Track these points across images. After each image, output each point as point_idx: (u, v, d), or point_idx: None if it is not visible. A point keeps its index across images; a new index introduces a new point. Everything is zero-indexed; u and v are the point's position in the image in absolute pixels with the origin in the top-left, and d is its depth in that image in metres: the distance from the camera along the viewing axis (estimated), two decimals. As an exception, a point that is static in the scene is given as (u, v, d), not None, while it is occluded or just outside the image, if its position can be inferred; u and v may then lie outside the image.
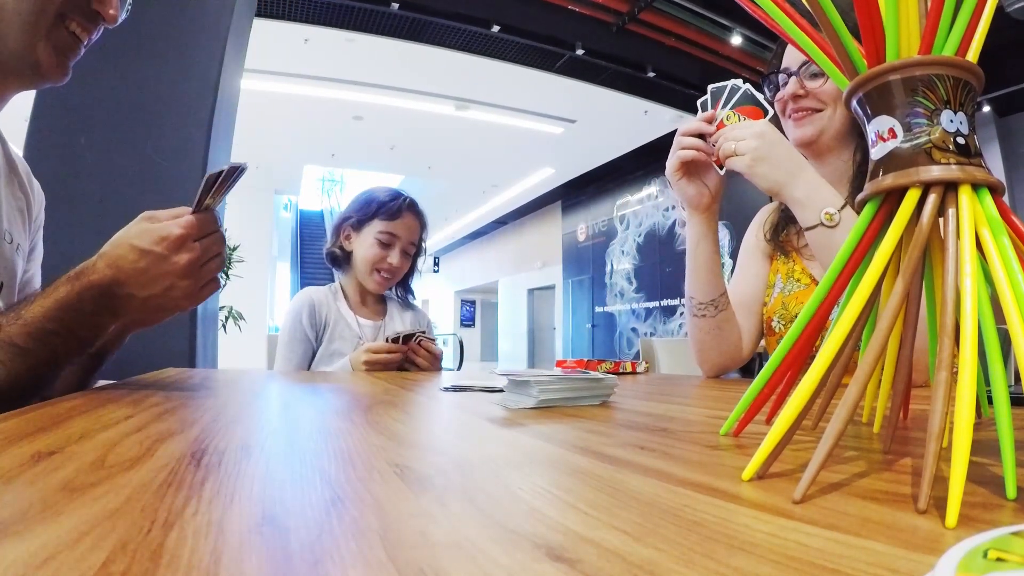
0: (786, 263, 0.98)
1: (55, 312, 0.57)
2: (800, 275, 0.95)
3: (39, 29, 0.64)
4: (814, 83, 0.88)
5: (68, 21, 0.66)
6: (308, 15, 4.57)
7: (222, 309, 4.89)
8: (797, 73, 0.89)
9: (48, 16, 0.64)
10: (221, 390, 0.65)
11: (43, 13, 0.64)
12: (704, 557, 0.16)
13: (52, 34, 0.65)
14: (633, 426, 0.42)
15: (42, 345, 0.55)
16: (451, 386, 0.69)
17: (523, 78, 5.51)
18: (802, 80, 0.89)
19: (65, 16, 0.66)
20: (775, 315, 0.96)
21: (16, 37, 0.63)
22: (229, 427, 0.38)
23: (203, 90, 1.61)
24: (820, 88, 0.88)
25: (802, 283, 0.94)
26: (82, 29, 0.68)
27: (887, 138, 0.28)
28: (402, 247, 1.35)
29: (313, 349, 1.31)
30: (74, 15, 0.66)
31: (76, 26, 0.67)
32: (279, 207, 10.24)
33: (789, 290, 0.95)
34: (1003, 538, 0.14)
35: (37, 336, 0.55)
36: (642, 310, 8.38)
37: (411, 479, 0.25)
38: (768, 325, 0.98)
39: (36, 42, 0.64)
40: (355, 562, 0.15)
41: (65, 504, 0.20)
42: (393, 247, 1.34)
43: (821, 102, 0.88)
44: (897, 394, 0.32)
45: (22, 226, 0.77)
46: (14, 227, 0.74)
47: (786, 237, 0.99)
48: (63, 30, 0.66)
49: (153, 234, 0.60)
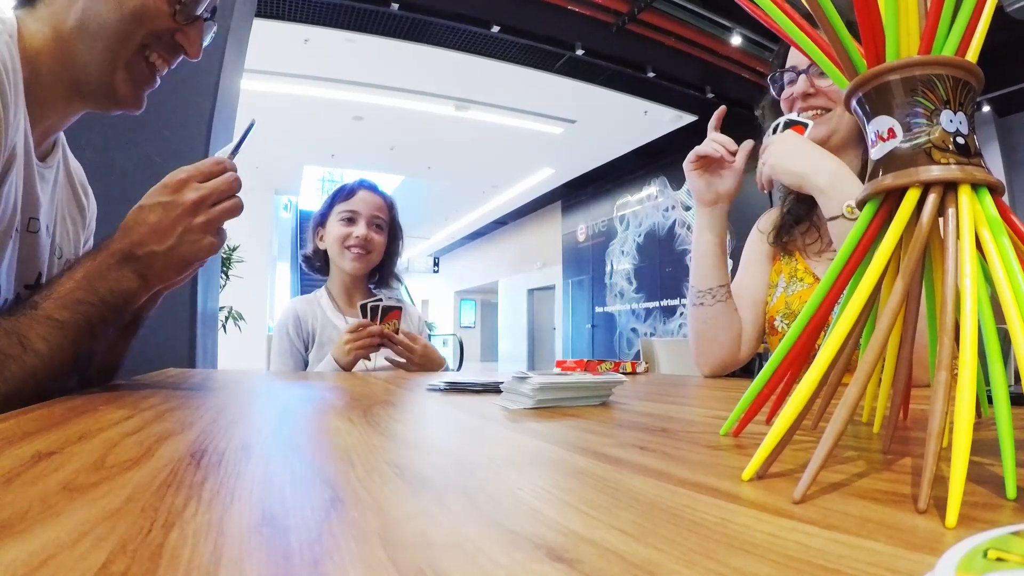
0: (789, 262, 0.99)
1: (84, 282, 0.57)
2: (803, 274, 0.95)
3: (120, 59, 0.64)
4: (824, 82, 0.88)
5: (150, 52, 0.66)
6: (308, 15, 4.57)
7: (222, 309, 4.88)
8: (807, 71, 0.89)
9: (131, 46, 0.64)
10: (221, 390, 0.65)
11: (127, 42, 0.63)
12: (704, 557, 0.16)
13: (132, 65, 0.65)
14: (633, 426, 0.42)
15: (76, 315, 0.56)
16: (447, 384, 0.68)
17: (523, 78, 5.51)
18: (812, 78, 0.88)
19: (148, 47, 0.65)
20: (778, 314, 0.96)
21: (97, 62, 0.63)
22: (229, 427, 0.38)
23: (203, 90, 1.61)
24: (830, 87, 0.87)
25: (805, 282, 0.94)
26: (163, 61, 0.67)
27: (887, 138, 0.28)
28: (366, 221, 1.37)
29: (304, 359, 1.33)
30: (157, 47, 0.66)
31: (156, 58, 0.67)
32: (279, 207, 10.23)
33: (792, 289, 0.95)
34: (1003, 538, 0.14)
35: (70, 306, 0.55)
36: (642, 310, 8.38)
37: (411, 479, 0.25)
38: (771, 325, 0.98)
39: (116, 70, 0.64)
40: (355, 562, 0.15)
41: (65, 504, 0.20)
42: (356, 222, 1.36)
43: (831, 100, 0.88)
44: (897, 394, 0.32)
45: (73, 237, 0.78)
46: (64, 241, 0.75)
47: (789, 238, 0.99)
48: (143, 61, 0.66)
49: (157, 187, 0.61)
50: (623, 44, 5.06)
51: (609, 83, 5.58)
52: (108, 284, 0.58)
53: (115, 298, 0.58)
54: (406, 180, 9.26)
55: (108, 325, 0.59)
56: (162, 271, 0.61)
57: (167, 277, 0.62)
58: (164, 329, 1.45)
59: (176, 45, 0.67)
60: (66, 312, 0.55)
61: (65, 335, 0.55)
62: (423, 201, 10.57)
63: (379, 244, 1.39)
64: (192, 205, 0.60)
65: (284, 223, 10.92)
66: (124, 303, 0.60)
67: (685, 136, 6.73)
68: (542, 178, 8.88)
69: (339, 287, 1.40)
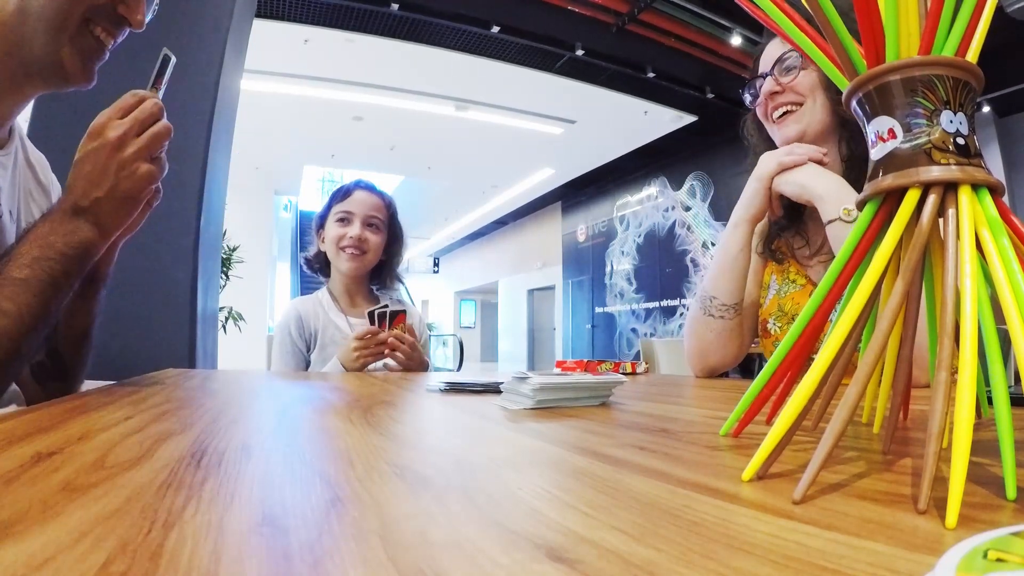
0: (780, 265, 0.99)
1: (39, 241, 0.58)
2: (795, 276, 0.95)
3: (64, 33, 0.65)
4: (788, 77, 0.89)
5: (93, 26, 0.67)
6: (308, 16, 4.57)
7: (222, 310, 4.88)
8: (771, 72, 0.90)
9: (73, 21, 0.65)
10: (221, 391, 0.65)
11: (68, 18, 0.64)
12: (704, 558, 0.16)
13: (77, 39, 0.66)
14: (633, 426, 0.42)
15: (38, 271, 0.56)
16: (447, 384, 0.68)
17: (523, 79, 5.51)
18: (776, 77, 0.90)
19: (91, 21, 0.66)
20: (771, 316, 0.96)
21: (41, 41, 0.64)
22: (229, 428, 0.38)
23: (203, 90, 1.61)
24: (795, 81, 0.88)
25: (797, 283, 0.94)
26: (107, 34, 0.68)
27: (887, 138, 0.28)
28: (362, 221, 1.36)
29: (306, 359, 1.32)
30: (100, 20, 0.67)
31: (101, 31, 0.68)
32: (279, 208, 10.23)
33: (785, 291, 0.95)
34: (1003, 538, 0.14)
35: (30, 264, 0.56)
36: (642, 311, 8.38)
37: (411, 479, 0.25)
38: (763, 327, 0.98)
39: (61, 46, 0.65)
40: (355, 562, 0.15)
41: (65, 504, 0.20)
42: (351, 222, 1.36)
43: (799, 95, 0.89)
44: (897, 395, 0.32)
45: None
46: None
47: (777, 245, 0.99)
48: (88, 35, 0.67)
49: (84, 139, 0.62)
50: (623, 44, 5.06)
51: (609, 83, 5.59)
52: (63, 239, 0.59)
53: (73, 250, 0.59)
54: (406, 180, 9.26)
55: (72, 278, 0.60)
56: (113, 214, 0.62)
57: (120, 220, 0.63)
58: (164, 329, 1.45)
59: (119, 17, 0.68)
60: (26, 270, 0.56)
61: (30, 291, 0.55)
62: (423, 201, 10.57)
63: (375, 244, 1.38)
64: (117, 140, 0.61)
65: (284, 223, 10.92)
66: (84, 253, 0.60)
67: (685, 136, 6.73)
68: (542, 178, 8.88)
69: (340, 288, 1.40)
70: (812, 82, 0.87)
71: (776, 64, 0.90)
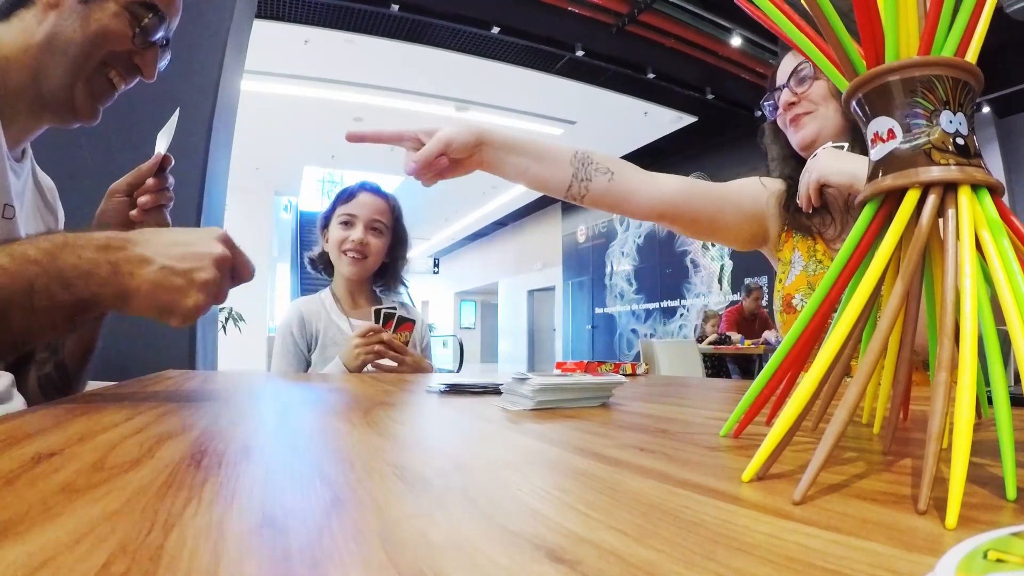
0: (805, 240, 0.99)
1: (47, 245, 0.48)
2: (822, 256, 0.96)
3: (82, 73, 0.68)
4: (802, 87, 0.95)
5: (109, 69, 0.70)
6: (308, 16, 4.57)
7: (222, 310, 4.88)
8: (787, 84, 0.96)
9: (93, 61, 0.68)
10: (221, 392, 0.65)
11: (89, 58, 0.68)
12: (704, 558, 0.16)
13: (92, 79, 0.69)
14: (633, 427, 0.42)
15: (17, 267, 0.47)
16: (446, 385, 0.68)
17: (523, 79, 5.51)
18: (792, 88, 0.96)
19: (108, 64, 0.70)
20: (799, 292, 0.96)
21: (59, 75, 0.67)
22: (229, 429, 0.38)
23: (203, 91, 1.62)
24: (808, 91, 0.95)
25: (824, 264, 0.95)
26: (120, 79, 0.72)
27: (886, 139, 0.28)
28: (365, 224, 1.36)
29: (307, 360, 1.32)
30: (116, 65, 0.71)
31: (115, 75, 0.71)
32: (279, 208, 10.24)
33: (813, 270, 0.96)
34: (1003, 539, 0.14)
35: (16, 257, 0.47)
36: (642, 311, 8.38)
37: (411, 480, 0.25)
38: (787, 303, 0.97)
39: (75, 83, 0.68)
40: (355, 563, 0.15)
41: (65, 505, 0.20)
42: (354, 225, 1.35)
43: (812, 103, 0.95)
44: (897, 395, 0.32)
45: None
46: None
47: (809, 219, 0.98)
48: (103, 77, 0.70)
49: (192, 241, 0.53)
50: (623, 45, 5.06)
51: (609, 84, 5.59)
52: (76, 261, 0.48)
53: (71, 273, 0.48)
54: (406, 181, 9.23)
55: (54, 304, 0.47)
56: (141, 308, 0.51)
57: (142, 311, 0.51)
58: (164, 330, 1.45)
59: (134, 66, 0.72)
60: (5, 259, 0.47)
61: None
62: (423, 202, 10.57)
63: (377, 248, 1.37)
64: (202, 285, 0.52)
65: (284, 224, 10.92)
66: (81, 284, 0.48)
67: (685, 137, 6.74)
68: (542, 179, 8.87)
69: (343, 289, 1.40)
70: (824, 90, 0.93)
71: (792, 76, 0.95)
